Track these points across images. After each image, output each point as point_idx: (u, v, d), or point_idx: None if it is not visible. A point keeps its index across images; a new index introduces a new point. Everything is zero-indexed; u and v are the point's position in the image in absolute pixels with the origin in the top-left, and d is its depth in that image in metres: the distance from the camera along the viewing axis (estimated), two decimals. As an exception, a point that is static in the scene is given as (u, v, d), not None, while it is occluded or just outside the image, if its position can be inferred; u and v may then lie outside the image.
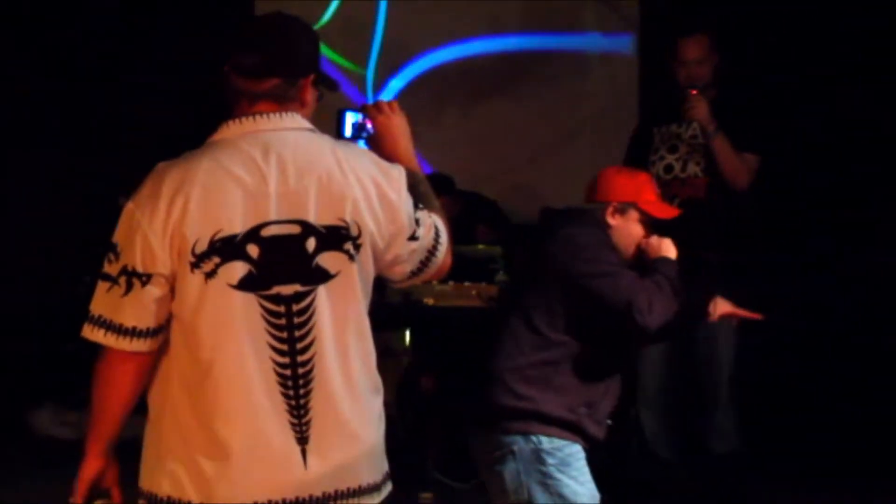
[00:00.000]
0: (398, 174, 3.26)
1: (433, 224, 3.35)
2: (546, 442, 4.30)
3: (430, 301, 6.88)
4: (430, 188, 3.44)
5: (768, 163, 6.58)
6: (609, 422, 7.24)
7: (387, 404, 7.01)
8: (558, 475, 4.31)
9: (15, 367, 8.22)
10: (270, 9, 8.13)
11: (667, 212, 4.69)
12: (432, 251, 3.35)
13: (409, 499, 6.39)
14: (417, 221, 3.28)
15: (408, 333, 7.35)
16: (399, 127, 3.51)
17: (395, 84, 8.76)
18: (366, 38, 8.83)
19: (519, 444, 4.30)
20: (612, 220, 4.53)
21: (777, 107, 7.47)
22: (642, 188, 4.62)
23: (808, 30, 8.09)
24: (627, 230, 4.54)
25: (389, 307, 6.85)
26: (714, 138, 6.40)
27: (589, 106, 8.75)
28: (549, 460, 4.30)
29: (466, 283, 6.84)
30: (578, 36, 8.74)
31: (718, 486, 6.61)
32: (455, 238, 6.76)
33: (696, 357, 6.63)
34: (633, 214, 4.55)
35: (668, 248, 4.53)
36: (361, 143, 3.48)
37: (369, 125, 3.51)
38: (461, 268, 6.56)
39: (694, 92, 6.45)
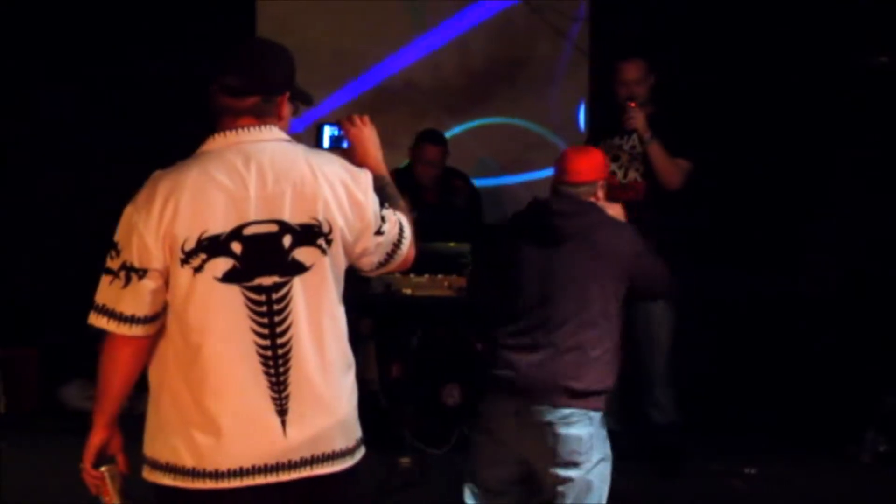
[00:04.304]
0: (365, 177, 3.29)
1: (398, 220, 3.38)
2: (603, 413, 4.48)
3: (408, 291, 6.94)
4: (396, 190, 3.48)
5: (700, 166, 6.64)
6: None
7: (371, 381, 7.07)
8: (608, 439, 4.50)
9: (48, 348, 8.24)
10: (272, 10, 8.36)
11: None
12: (397, 244, 3.38)
13: (390, 463, 6.38)
14: (383, 218, 3.31)
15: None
16: (370, 138, 3.56)
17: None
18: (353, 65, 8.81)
19: (592, 413, 4.40)
20: (598, 196, 4.64)
21: (708, 119, 7.45)
22: (605, 162, 4.83)
23: (739, 49, 8.07)
24: (601, 201, 4.66)
25: (373, 296, 6.89)
26: (649, 145, 6.46)
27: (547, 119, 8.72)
28: (605, 428, 4.49)
29: (440, 276, 6.89)
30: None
31: (658, 453, 6.63)
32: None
33: (635, 339, 6.62)
34: (602, 184, 4.69)
35: (622, 214, 4.76)
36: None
37: (344, 137, 3.54)
38: (435, 262, 6.68)
39: (632, 104, 6.50)
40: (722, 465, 6.63)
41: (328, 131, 3.58)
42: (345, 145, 3.54)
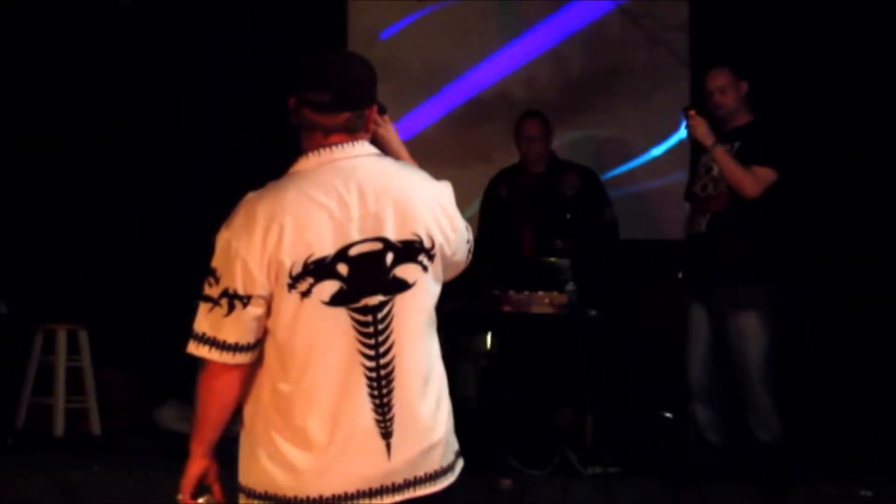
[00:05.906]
0: (448, 188, 3.27)
1: (467, 225, 3.34)
2: None
3: (507, 308, 6.84)
4: None
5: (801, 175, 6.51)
6: (669, 414, 7.23)
7: (468, 398, 7.01)
8: None
9: (143, 369, 8.29)
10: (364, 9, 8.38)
11: None
12: (471, 249, 3.35)
13: (489, 484, 6.29)
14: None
15: (489, 337, 7.30)
16: (395, 136, 3.52)
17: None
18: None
19: None
20: None
21: (811, 126, 7.33)
22: None
23: (843, 53, 7.92)
24: None
25: (472, 314, 6.85)
26: (713, 152, 6.41)
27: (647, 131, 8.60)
28: None
29: (540, 292, 6.79)
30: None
31: (764, 471, 6.46)
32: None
33: (730, 354, 6.51)
34: None
35: None
36: None
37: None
38: (536, 278, 6.59)
39: (692, 112, 6.47)
40: (835, 487, 6.44)
41: None
42: None
